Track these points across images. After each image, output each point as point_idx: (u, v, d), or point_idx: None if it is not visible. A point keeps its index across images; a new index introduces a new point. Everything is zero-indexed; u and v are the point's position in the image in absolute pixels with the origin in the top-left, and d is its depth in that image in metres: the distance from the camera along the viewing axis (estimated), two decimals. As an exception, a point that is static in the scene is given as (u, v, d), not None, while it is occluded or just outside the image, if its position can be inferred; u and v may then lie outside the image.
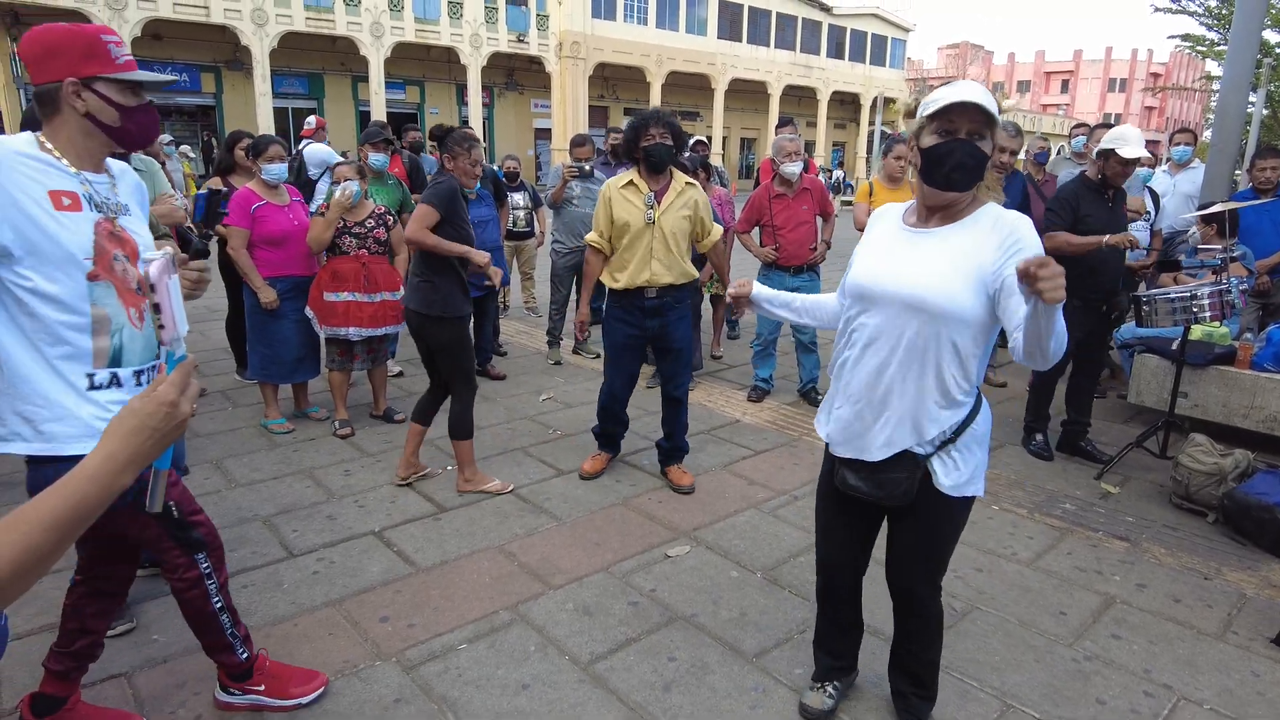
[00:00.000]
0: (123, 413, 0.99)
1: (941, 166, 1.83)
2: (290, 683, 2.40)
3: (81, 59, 1.81)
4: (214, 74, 25.55)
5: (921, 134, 1.88)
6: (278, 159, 4.53)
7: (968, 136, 1.81)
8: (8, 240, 1.71)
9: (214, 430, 4.69)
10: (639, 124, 3.71)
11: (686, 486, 3.92)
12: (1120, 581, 3.21)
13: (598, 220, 3.86)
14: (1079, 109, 71.49)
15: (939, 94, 1.85)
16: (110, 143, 1.91)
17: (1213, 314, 3.93)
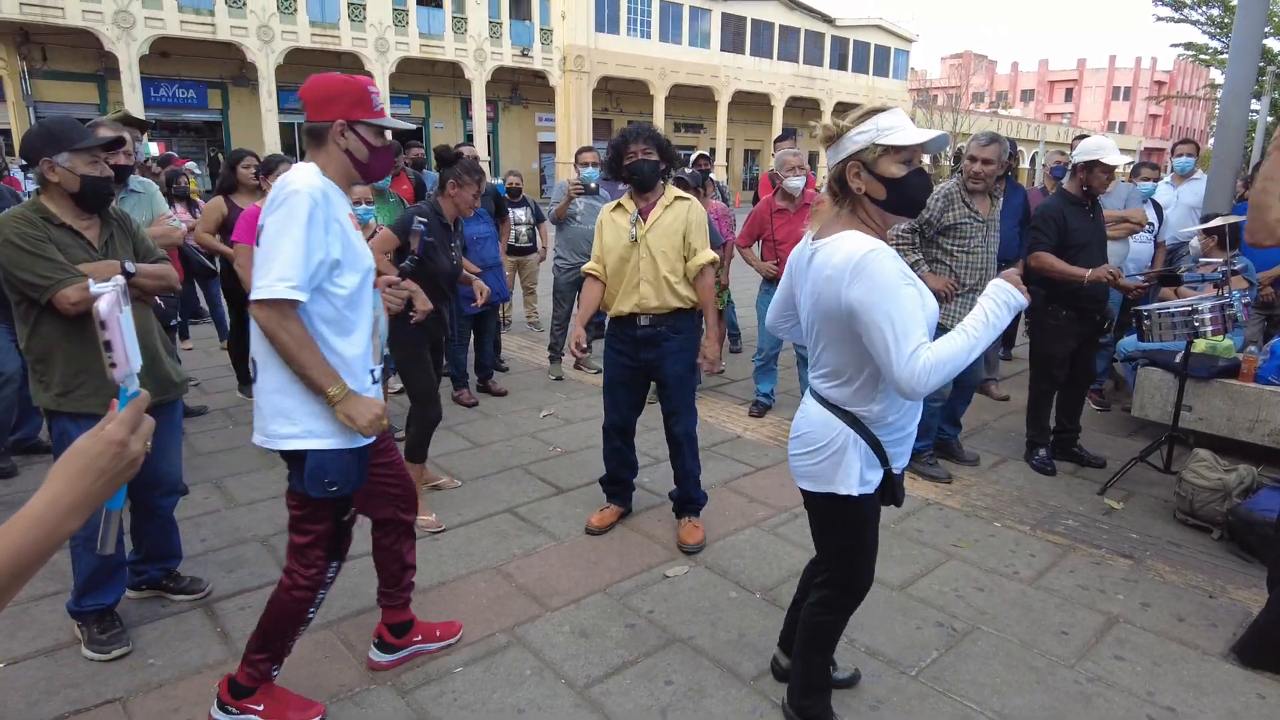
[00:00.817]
0: (69, 453, 0.94)
1: (913, 198, 1.91)
2: (289, 708, 2.39)
3: (352, 105, 2.21)
4: (220, 90, 25.75)
5: (879, 162, 1.87)
6: None
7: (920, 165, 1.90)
8: (337, 254, 2.11)
9: (214, 449, 4.69)
10: (619, 142, 3.43)
11: (692, 545, 3.50)
12: (1123, 600, 3.18)
13: (594, 246, 3.62)
14: (1083, 118, 71.49)
15: (893, 123, 1.86)
16: (356, 174, 2.28)
17: (1214, 328, 3.90)
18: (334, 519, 2.35)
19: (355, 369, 2.20)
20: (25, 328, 2.62)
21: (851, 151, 1.89)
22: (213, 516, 3.82)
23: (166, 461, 2.97)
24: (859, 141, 1.87)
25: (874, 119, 1.87)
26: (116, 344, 1.02)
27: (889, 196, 1.88)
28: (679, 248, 3.42)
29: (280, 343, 2.07)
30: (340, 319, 2.17)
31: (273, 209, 2.08)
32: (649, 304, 3.43)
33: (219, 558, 3.43)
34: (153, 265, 2.81)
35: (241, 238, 4.47)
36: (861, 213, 1.94)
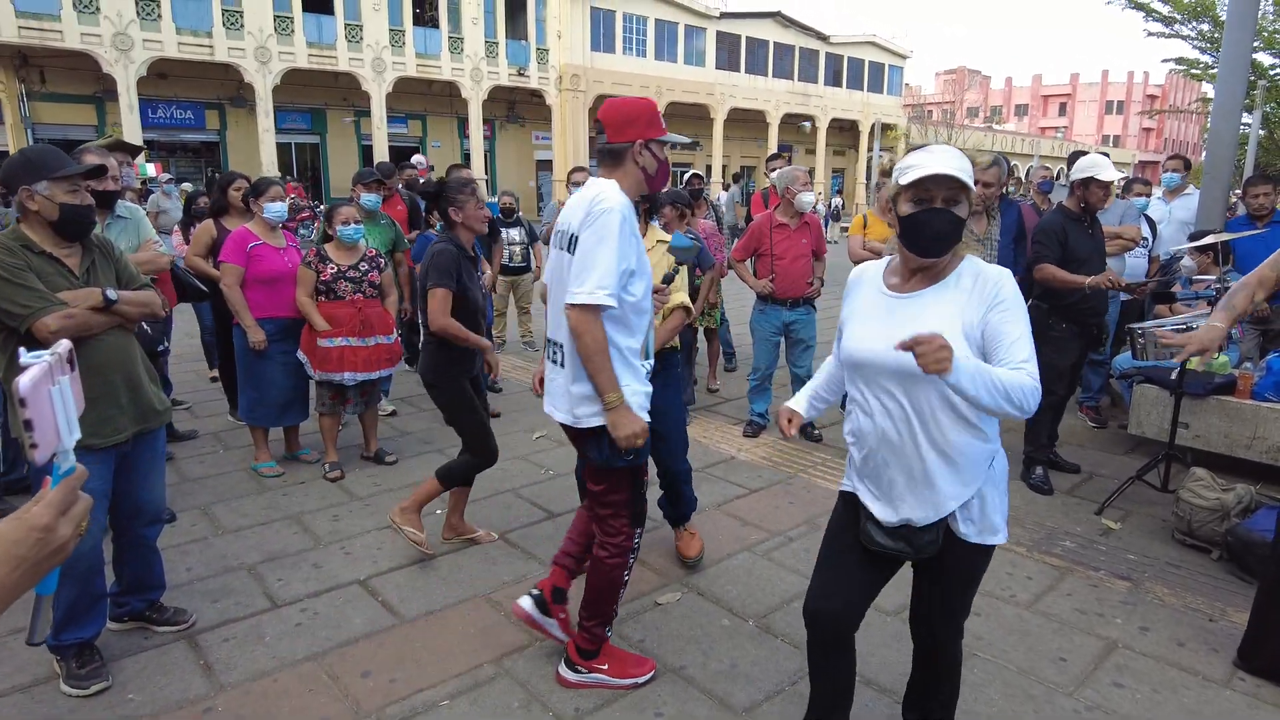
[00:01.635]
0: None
1: (920, 236, 1.86)
2: (627, 664, 2.72)
3: (647, 125, 2.47)
4: (218, 111, 25.90)
5: (898, 200, 1.88)
6: (278, 199, 4.54)
7: (944, 204, 1.84)
8: (633, 265, 2.39)
9: (203, 474, 4.65)
10: None
11: (694, 559, 3.52)
12: (1122, 624, 3.13)
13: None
14: (1077, 131, 71.96)
15: (913, 161, 1.86)
16: (645, 187, 2.54)
17: (1210, 346, 3.87)
18: (632, 487, 2.57)
19: (634, 361, 2.48)
20: (3, 356, 2.59)
21: (891, 191, 1.93)
22: (199, 544, 3.76)
23: (148, 491, 2.92)
24: (893, 181, 1.92)
25: (907, 157, 1.91)
26: (38, 422, 0.91)
27: (903, 232, 1.90)
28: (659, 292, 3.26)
29: (584, 343, 2.34)
30: (625, 320, 2.43)
31: (589, 224, 2.35)
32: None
33: (205, 587, 3.38)
34: (135, 293, 2.78)
35: (228, 257, 4.44)
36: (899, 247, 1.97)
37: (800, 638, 2.99)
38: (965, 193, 1.85)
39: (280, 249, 4.56)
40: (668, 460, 3.59)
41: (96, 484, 2.68)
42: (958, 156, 1.85)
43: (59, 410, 0.94)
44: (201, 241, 5.28)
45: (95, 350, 2.64)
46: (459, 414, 3.61)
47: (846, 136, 43.12)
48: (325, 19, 25.26)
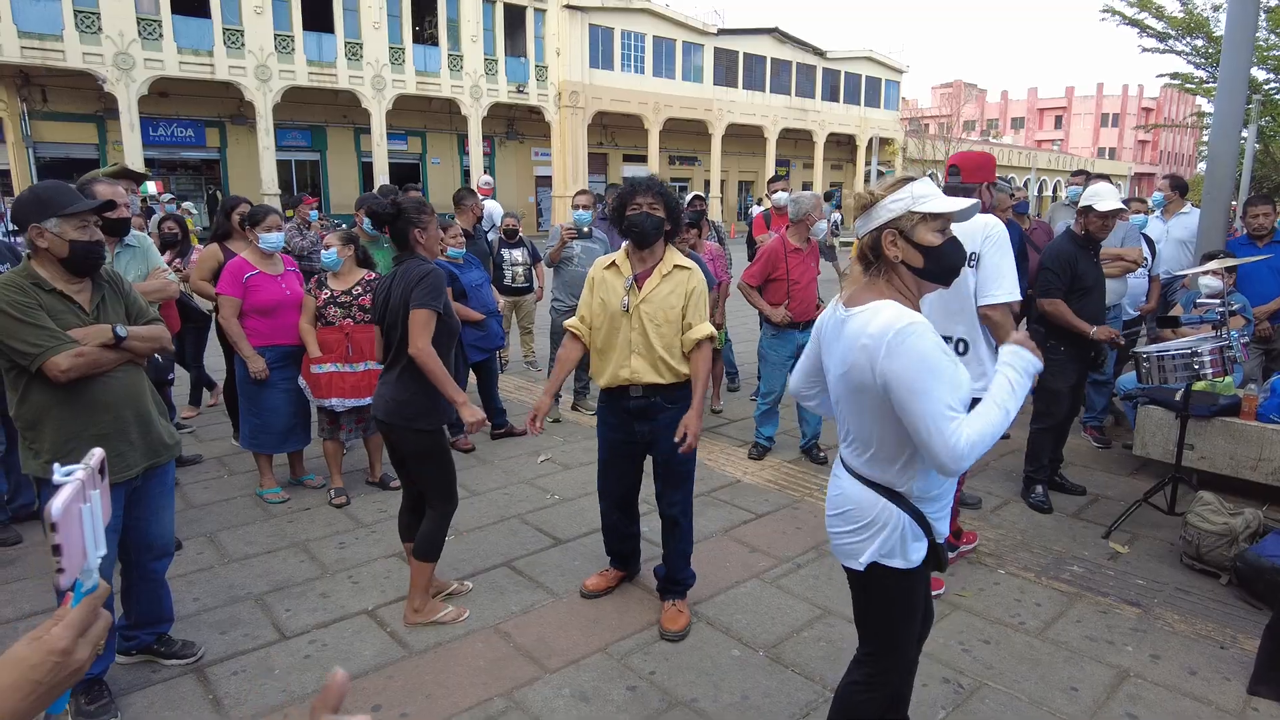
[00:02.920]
0: (3, 660, 0.83)
1: (951, 266, 1.91)
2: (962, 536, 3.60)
3: (989, 172, 3.53)
4: (219, 129, 26.00)
5: (915, 229, 1.87)
6: (275, 228, 4.55)
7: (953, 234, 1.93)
8: None
9: (209, 500, 4.63)
10: (626, 191, 3.14)
11: (674, 633, 3.17)
12: (1133, 652, 3.12)
13: (581, 303, 3.33)
14: (1073, 144, 72.33)
15: (928, 190, 1.88)
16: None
17: (1214, 370, 3.89)
18: None
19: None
20: (14, 394, 2.59)
21: (886, 219, 1.88)
22: (206, 574, 3.75)
23: (159, 526, 2.92)
24: (894, 209, 1.87)
25: (909, 187, 1.88)
26: (67, 547, 0.86)
27: (927, 264, 1.87)
28: (676, 321, 3.13)
29: (1006, 330, 3.03)
30: None
31: (992, 241, 3.27)
32: (643, 378, 3.15)
33: (213, 618, 3.36)
34: (144, 327, 2.78)
35: (224, 289, 4.44)
36: (897, 281, 1.91)
37: (812, 667, 2.99)
38: None
39: (277, 276, 4.56)
40: (668, 510, 3.35)
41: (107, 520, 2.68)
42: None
43: (88, 529, 0.90)
44: (206, 265, 5.28)
45: (106, 387, 2.64)
46: (440, 459, 3.27)
47: (844, 150, 43.32)
48: (326, 37, 25.41)
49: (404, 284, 3.13)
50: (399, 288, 3.15)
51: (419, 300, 3.08)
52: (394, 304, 3.17)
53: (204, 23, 23.19)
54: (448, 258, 5.28)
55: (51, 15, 20.74)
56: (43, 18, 20.66)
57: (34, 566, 3.80)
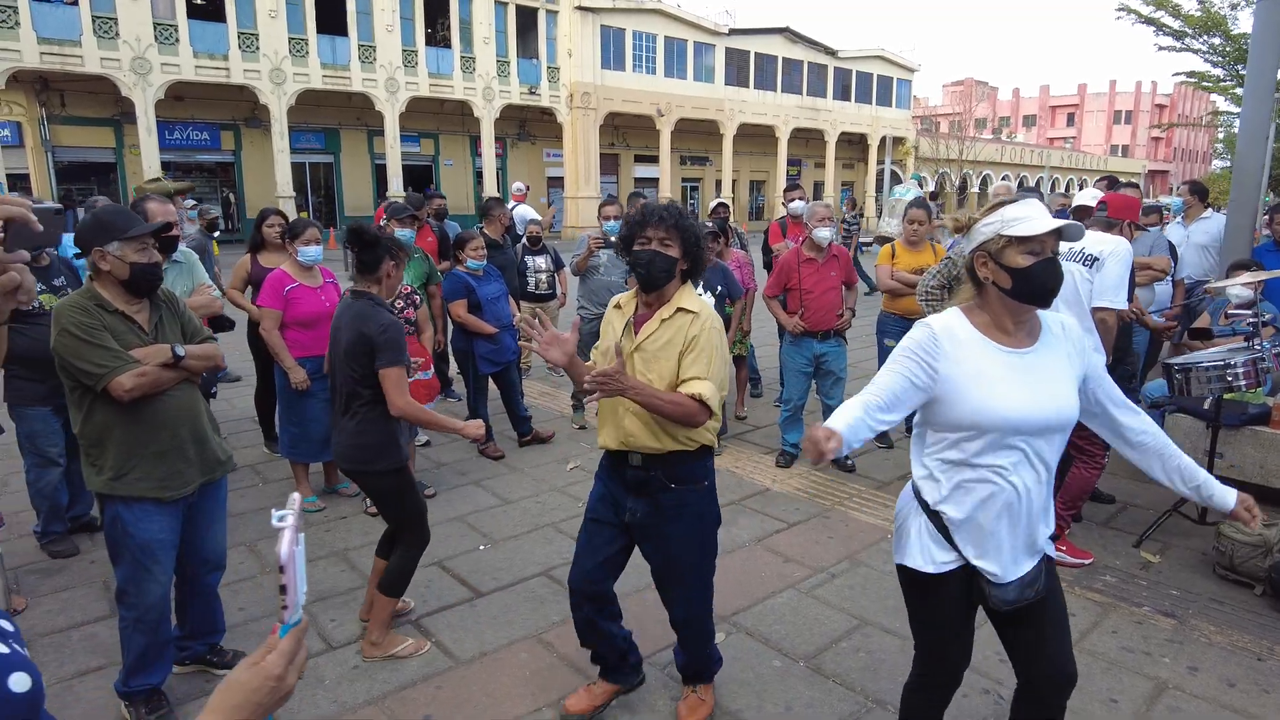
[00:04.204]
0: (228, 684, 0.97)
1: (1039, 287, 1.92)
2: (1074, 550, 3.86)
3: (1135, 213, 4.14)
4: (233, 132, 26.17)
5: (1004, 252, 1.92)
6: (314, 241, 4.62)
7: (1052, 254, 1.94)
8: None
9: (245, 509, 4.71)
10: (636, 220, 2.52)
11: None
12: (1170, 664, 3.15)
13: (594, 348, 2.76)
14: (1086, 141, 71.95)
15: (1019, 214, 1.92)
16: None
17: (1248, 381, 3.90)
18: None
19: None
20: (79, 413, 2.66)
21: (979, 242, 1.98)
22: (249, 583, 3.82)
23: (213, 539, 2.99)
24: (986, 233, 1.96)
25: (1001, 211, 1.95)
26: (291, 587, 0.97)
27: (1015, 285, 1.92)
28: (673, 373, 2.47)
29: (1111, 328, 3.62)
30: None
31: (1116, 256, 3.70)
32: (639, 442, 2.50)
33: (260, 628, 3.44)
34: (200, 346, 2.85)
35: (265, 301, 4.51)
36: (987, 301, 2.00)
37: (853, 678, 3.04)
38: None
39: (317, 288, 4.64)
40: (674, 612, 2.75)
41: (166, 535, 2.76)
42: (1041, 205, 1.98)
43: (300, 569, 0.99)
44: (239, 275, 5.38)
45: (164, 405, 2.71)
46: (405, 496, 3.20)
47: (855, 150, 43.24)
48: (339, 40, 25.53)
49: (357, 332, 3.02)
50: (349, 331, 3.05)
51: (388, 360, 3.00)
52: (344, 347, 3.06)
53: (219, 27, 23.35)
54: (467, 269, 5.35)
55: (70, 21, 20.93)
56: (61, 23, 20.85)
57: (83, 575, 3.88)
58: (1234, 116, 24.23)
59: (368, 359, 3.02)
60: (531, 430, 5.86)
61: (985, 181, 48.28)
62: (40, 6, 20.55)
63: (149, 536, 2.71)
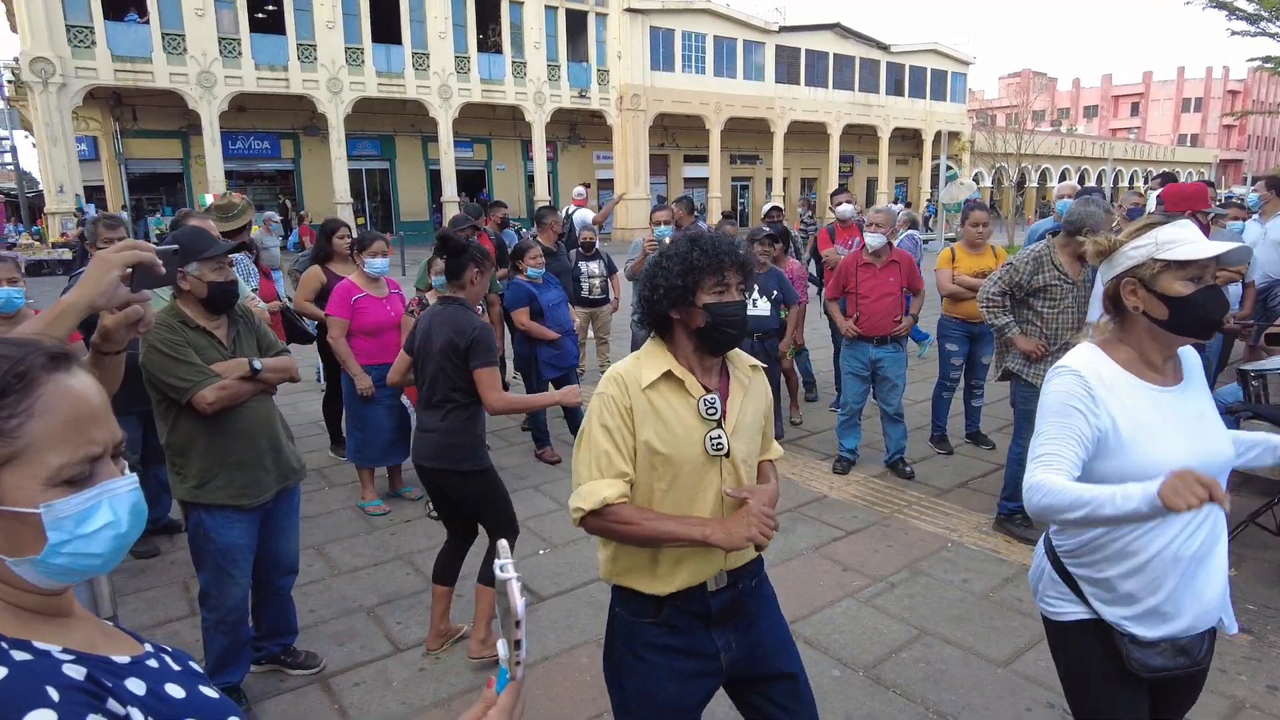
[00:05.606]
0: None
1: (1204, 317, 1.73)
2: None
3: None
4: (293, 140, 26.99)
5: (1159, 278, 1.72)
6: (380, 254, 4.76)
7: (1214, 280, 1.74)
8: None
9: (313, 513, 4.86)
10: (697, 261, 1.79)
11: None
12: (1247, 682, 3.05)
13: (613, 451, 1.79)
14: (1151, 131, 69.47)
15: (1176, 236, 1.73)
16: None
17: (1330, 388, 3.76)
18: None
19: None
20: (165, 424, 2.80)
21: (1127, 267, 1.76)
22: (319, 585, 3.96)
23: (287, 544, 3.11)
24: (1135, 256, 1.75)
25: (1153, 233, 1.75)
26: (525, 640, 0.96)
27: (1172, 316, 1.72)
28: (758, 446, 1.98)
29: None
30: None
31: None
32: (741, 556, 1.91)
33: (329, 629, 3.56)
34: (275, 359, 2.97)
35: (334, 310, 4.66)
36: (1137, 330, 1.79)
37: (913, 689, 3.02)
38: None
39: (383, 298, 4.77)
40: None
41: (246, 540, 2.88)
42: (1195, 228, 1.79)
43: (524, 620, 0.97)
44: (310, 286, 5.55)
45: (243, 417, 2.84)
46: (498, 496, 3.30)
47: (909, 145, 42.52)
48: (394, 49, 26.11)
49: (450, 334, 3.12)
50: (442, 332, 3.13)
51: (481, 361, 3.10)
52: (436, 348, 3.15)
53: (279, 39, 24.09)
54: (527, 278, 5.44)
55: (142, 39, 21.85)
56: (134, 41, 21.78)
57: (165, 575, 4.07)
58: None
59: (462, 361, 3.12)
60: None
61: (1044, 176, 47.02)
62: (115, 26, 21.50)
63: (230, 541, 2.84)
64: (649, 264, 1.88)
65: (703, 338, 1.83)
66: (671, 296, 1.81)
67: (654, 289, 1.84)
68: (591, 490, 1.76)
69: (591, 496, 1.76)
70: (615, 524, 1.77)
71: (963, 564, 4.04)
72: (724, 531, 1.74)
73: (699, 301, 1.80)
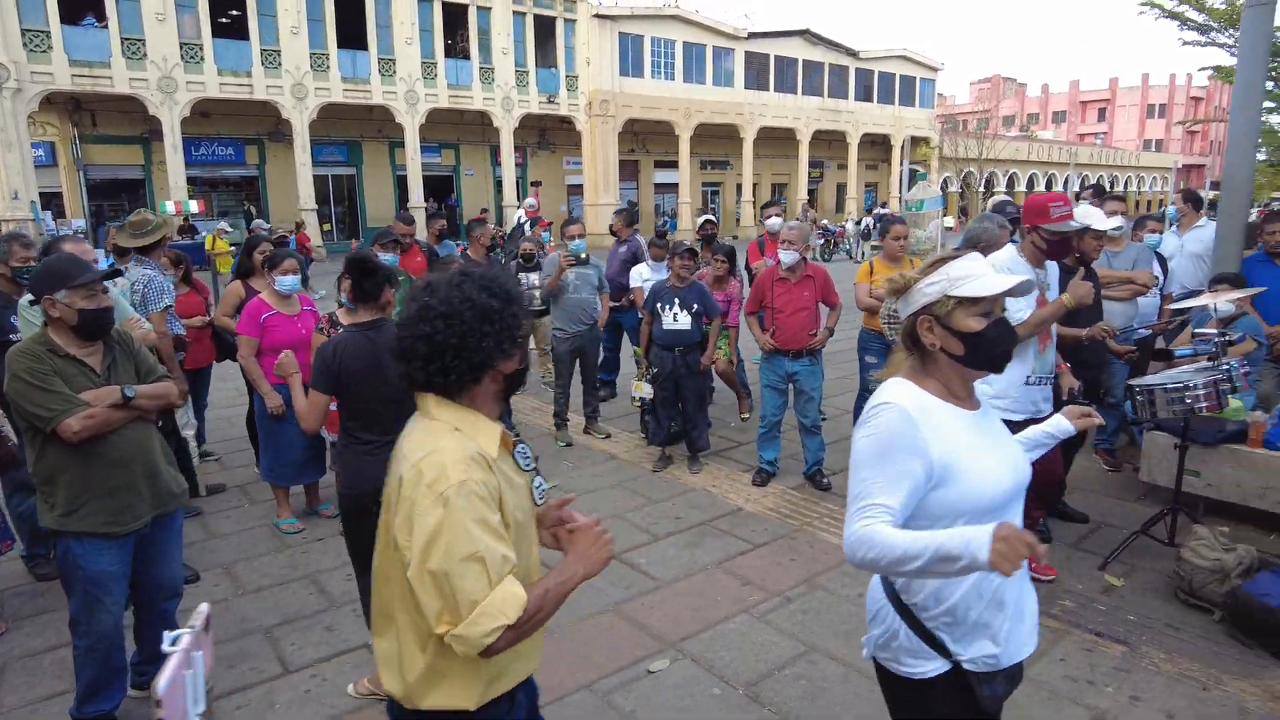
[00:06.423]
0: None
1: (1001, 351, 1.77)
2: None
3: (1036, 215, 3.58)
4: (257, 146, 26.74)
5: (953, 315, 1.74)
6: (291, 271, 4.75)
7: (1003, 312, 1.79)
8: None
9: (229, 530, 4.85)
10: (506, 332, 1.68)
11: None
12: (1113, 694, 3.13)
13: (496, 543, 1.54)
14: (1117, 137, 70.59)
15: (969, 271, 1.75)
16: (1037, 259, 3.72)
17: (1209, 404, 3.87)
18: None
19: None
20: (33, 452, 2.79)
21: (922, 304, 1.77)
22: (220, 606, 3.94)
23: (168, 569, 3.11)
24: (929, 294, 1.75)
25: (945, 268, 1.76)
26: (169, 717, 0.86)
27: (967, 351, 1.74)
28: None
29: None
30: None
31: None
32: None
33: (222, 651, 3.54)
34: (152, 386, 2.97)
35: (243, 329, 4.65)
36: (934, 368, 1.79)
37: (789, 707, 3.07)
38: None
39: (294, 316, 4.76)
40: None
41: (116, 568, 2.88)
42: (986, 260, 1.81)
43: (189, 692, 0.92)
44: (229, 302, 5.53)
45: (116, 444, 2.83)
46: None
47: (879, 150, 42.91)
48: (360, 54, 25.98)
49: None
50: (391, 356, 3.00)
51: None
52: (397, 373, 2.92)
53: (242, 45, 23.89)
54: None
55: (100, 43, 21.57)
56: (92, 46, 21.50)
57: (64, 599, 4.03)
58: (1267, 112, 23.70)
59: None
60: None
61: (1012, 181, 47.61)
62: (72, 30, 21.22)
63: (99, 569, 2.83)
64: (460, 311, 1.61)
65: (512, 386, 1.75)
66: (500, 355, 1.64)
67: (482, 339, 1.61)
68: (504, 598, 1.49)
69: (510, 604, 1.49)
70: (527, 620, 1.52)
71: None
72: (582, 563, 1.67)
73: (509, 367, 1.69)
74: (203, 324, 5.65)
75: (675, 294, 5.56)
